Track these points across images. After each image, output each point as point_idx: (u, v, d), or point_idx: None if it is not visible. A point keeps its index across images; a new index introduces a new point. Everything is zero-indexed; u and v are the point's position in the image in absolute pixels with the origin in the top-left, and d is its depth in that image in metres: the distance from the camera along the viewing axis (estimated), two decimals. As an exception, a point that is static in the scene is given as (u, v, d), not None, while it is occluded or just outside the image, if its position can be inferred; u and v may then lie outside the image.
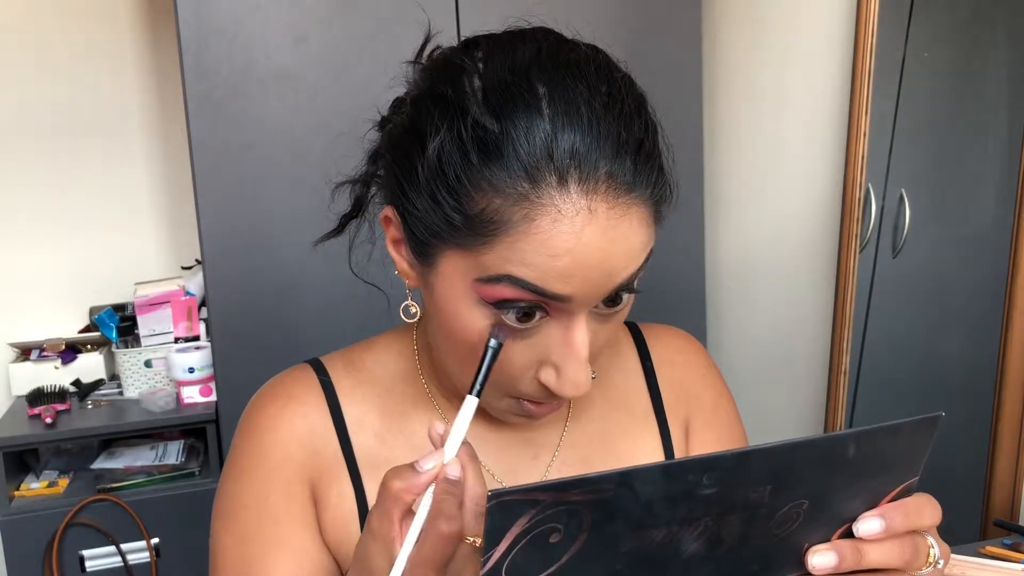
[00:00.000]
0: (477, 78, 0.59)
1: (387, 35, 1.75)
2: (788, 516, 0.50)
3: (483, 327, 0.59)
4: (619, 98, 0.58)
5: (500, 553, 0.46)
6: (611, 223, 0.56)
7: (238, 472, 0.72)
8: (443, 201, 0.58)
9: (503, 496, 0.44)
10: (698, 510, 0.48)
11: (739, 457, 0.47)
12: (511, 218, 0.56)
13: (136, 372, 2.13)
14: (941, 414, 0.51)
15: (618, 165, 0.56)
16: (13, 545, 1.93)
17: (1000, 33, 1.64)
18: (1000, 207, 1.55)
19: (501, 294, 0.58)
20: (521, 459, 0.75)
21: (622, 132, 0.57)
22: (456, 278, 0.60)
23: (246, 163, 1.74)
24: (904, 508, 0.53)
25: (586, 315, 0.60)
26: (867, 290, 1.79)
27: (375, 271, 0.80)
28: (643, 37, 1.88)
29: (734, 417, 0.84)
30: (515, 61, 0.59)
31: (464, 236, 0.58)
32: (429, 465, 0.54)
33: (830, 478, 0.50)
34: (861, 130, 1.68)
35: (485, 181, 0.56)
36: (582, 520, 0.46)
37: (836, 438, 0.49)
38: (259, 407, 0.74)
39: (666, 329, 0.84)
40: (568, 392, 0.60)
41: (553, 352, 0.60)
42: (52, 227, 2.30)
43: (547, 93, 0.57)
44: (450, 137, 0.57)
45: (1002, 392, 1.53)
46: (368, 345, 0.77)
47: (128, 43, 2.29)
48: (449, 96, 0.59)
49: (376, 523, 0.56)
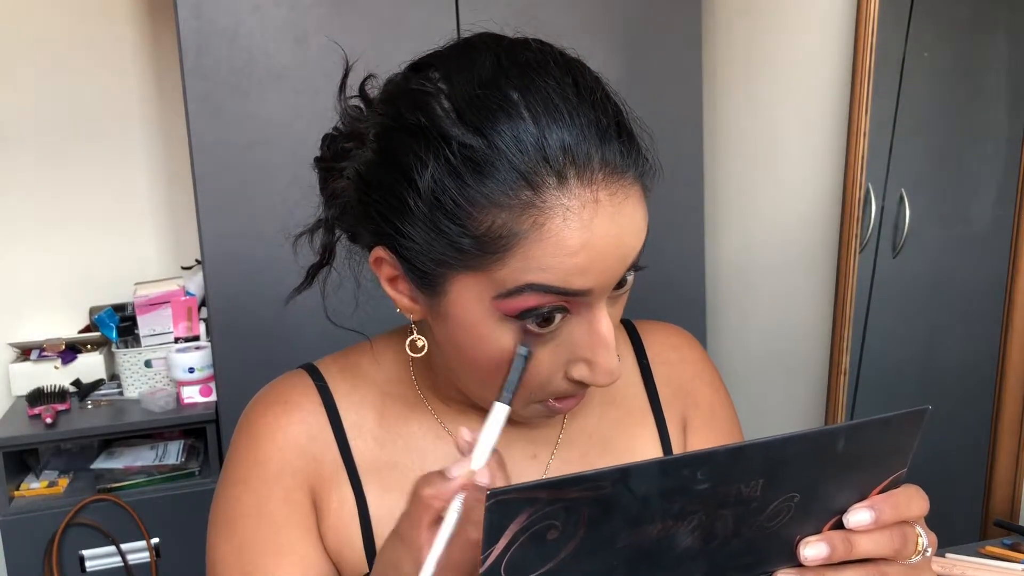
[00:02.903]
0: (445, 99, 0.58)
1: (387, 35, 1.75)
2: (779, 509, 0.51)
3: (508, 343, 0.59)
4: (586, 85, 0.59)
5: (499, 551, 0.46)
6: (615, 208, 0.57)
7: (236, 480, 0.72)
8: (447, 229, 0.57)
9: (501, 495, 0.44)
10: (692, 505, 0.48)
11: (732, 452, 0.48)
12: (520, 228, 0.56)
13: (136, 372, 2.13)
14: (928, 408, 0.52)
15: (608, 150, 0.57)
16: (13, 545, 1.93)
17: (1000, 33, 1.64)
18: (1000, 207, 1.55)
19: (525, 304, 0.58)
20: (521, 458, 0.75)
21: (600, 117, 0.58)
22: (472, 301, 0.59)
23: (246, 163, 1.74)
24: (893, 499, 0.54)
25: (604, 303, 0.60)
26: (867, 290, 1.78)
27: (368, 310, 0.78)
28: (643, 37, 1.88)
29: (731, 413, 0.84)
30: (479, 74, 0.58)
31: (474, 258, 0.58)
32: (459, 472, 0.54)
33: (820, 471, 0.51)
34: (861, 130, 1.67)
35: (485, 199, 0.56)
36: (579, 517, 0.46)
37: (827, 432, 0.50)
38: (256, 414, 0.73)
39: (662, 326, 0.84)
40: (603, 381, 0.61)
41: (580, 347, 0.61)
42: (52, 227, 2.30)
43: (521, 97, 0.57)
44: (438, 166, 0.57)
45: (1002, 392, 1.53)
46: (363, 348, 0.77)
47: (128, 43, 2.29)
48: (423, 124, 0.58)
49: (405, 529, 0.56)
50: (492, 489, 0.44)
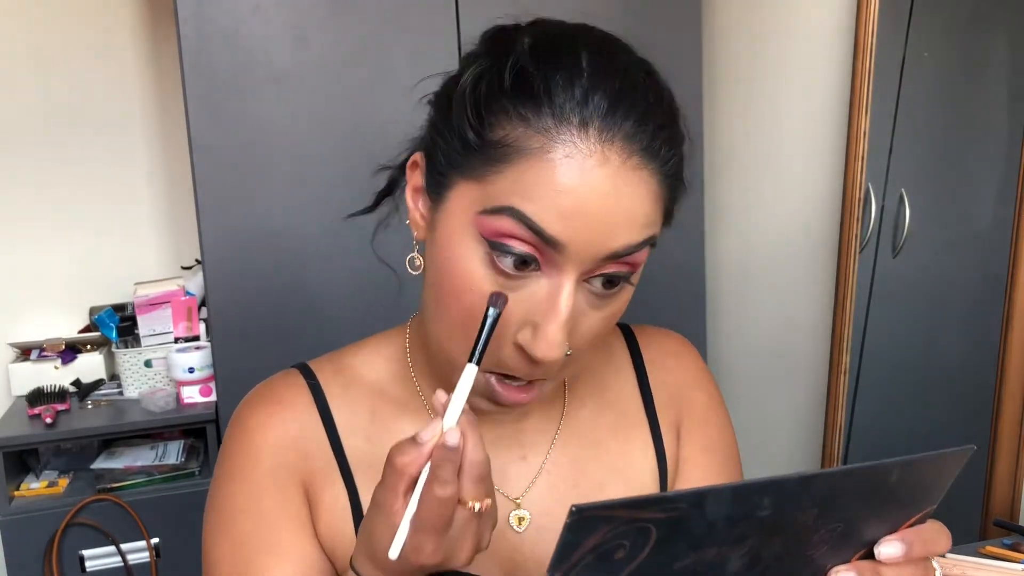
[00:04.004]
0: (528, 37, 0.62)
1: (387, 35, 1.75)
2: (822, 538, 0.52)
3: (475, 269, 0.60)
4: (656, 87, 0.63)
5: (566, 568, 0.46)
6: (620, 176, 0.58)
7: (229, 478, 0.72)
8: (467, 120, 0.60)
9: (586, 511, 0.44)
10: (750, 530, 0.49)
11: (802, 481, 0.48)
12: (528, 145, 0.58)
13: (136, 372, 2.13)
14: (974, 447, 0.53)
15: (640, 130, 0.59)
16: (13, 545, 1.93)
17: (1000, 33, 1.64)
18: (1000, 207, 1.55)
19: (501, 227, 0.58)
20: (509, 458, 0.75)
21: (651, 108, 0.60)
22: (460, 213, 0.61)
23: (246, 163, 1.74)
24: (922, 535, 0.55)
25: (575, 280, 0.60)
26: (867, 290, 1.79)
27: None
28: (643, 37, 1.88)
29: (725, 421, 0.84)
30: (565, 29, 0.63)
31: (477, 162, 0.59)
32: (429, 435, 0.56)
33: (868, 503, 0.52)
34: (861, 130, 1.68)
35: (512, 109, 0.59)
36: (648, 538, 0.46)
37: (884, 466, 0.51)
38: (248, 412, 0.73)
39: (659, 331, 0.84)
40: (540, 351, 0.60)
41: (535, 311, 0.60)
42: (52, 227, 2.30)
43: (589, 58, 0.60)
44: (489, 67, 0.61)
45: (1002, 392, 1.53)
46: (356, 349, 0.77)
47: (128, 43, 2.29)
48: (497, 47, 0.62)
49: (380, 497, 0.57)
50: (577, 505, 0.44)
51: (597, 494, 0.75)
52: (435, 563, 0.57)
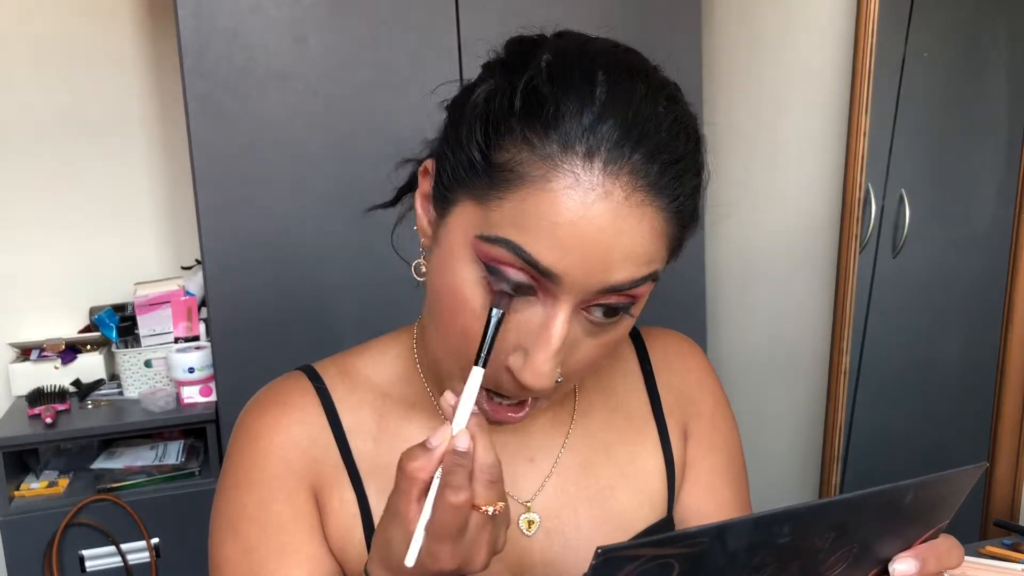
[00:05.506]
0: (547, 53, 0.60)
1: (387, 35, 1.75)
2: (839, 559, 0.52)
3: (468, 283, 0.60)
4: (676, 116, 0.60)
5: None
6: (623, 211, 0.56)
7: (237, 482, 0.71)
8: (474, 139, 0.59)
9: (611, 552, 0.44)
10: (769, 557, 0.49)
11: (820, 508, 0.49)
12: (530, 172, 0.57)
13: (136, 372, 2.13)
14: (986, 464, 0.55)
15: (649, 163, 0.57)
16: (13, 545, 1.93)
17: (1000, 33, 1.64)
18: (1000, 207, 1.55)
19: (496, 256, 0.58)
20: (518, 461, 0.75)
21: (664, 140, 0.58)
22: (460, 232, 0.60)
23: (246, 163, 1.74)
24: (936, 550, 0.56)
25: (570, 309, 0.59)
26: (867, 290, 1.79)
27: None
28: (643, 37, 1.88)
29: (731, 423, 0.84)
30: (586, 48, 0.61)
31: (481, 184, 0.59)
32: (439, 441, 0.55)
33: (884, 523, 0.53)
34: (861, 130, 1.67)
35: (519, 132, 0.57)
36: (671, 572, 0.47)
37: (899, 488, 0.51)
38: (254, 416, 0.73)
39: (665, 332, 0.84)
40: (527, 379, 0.59)
41: (527, 336, 0.60)
42: (52, 227, 2.30)
43: (605, 82, 0.58)
44: (502, 85, 0.59)
45: (1002, 392, 1.53)
46: (361, 351, 0.77)
47: (128, 43, 2.29)
48: (517, 62, 0.61)
49: (394, 504, 0.57)
50: (603, 546, 0.44)
51: (606, 497, 0.75)
52: (452, 568, 0.56)
